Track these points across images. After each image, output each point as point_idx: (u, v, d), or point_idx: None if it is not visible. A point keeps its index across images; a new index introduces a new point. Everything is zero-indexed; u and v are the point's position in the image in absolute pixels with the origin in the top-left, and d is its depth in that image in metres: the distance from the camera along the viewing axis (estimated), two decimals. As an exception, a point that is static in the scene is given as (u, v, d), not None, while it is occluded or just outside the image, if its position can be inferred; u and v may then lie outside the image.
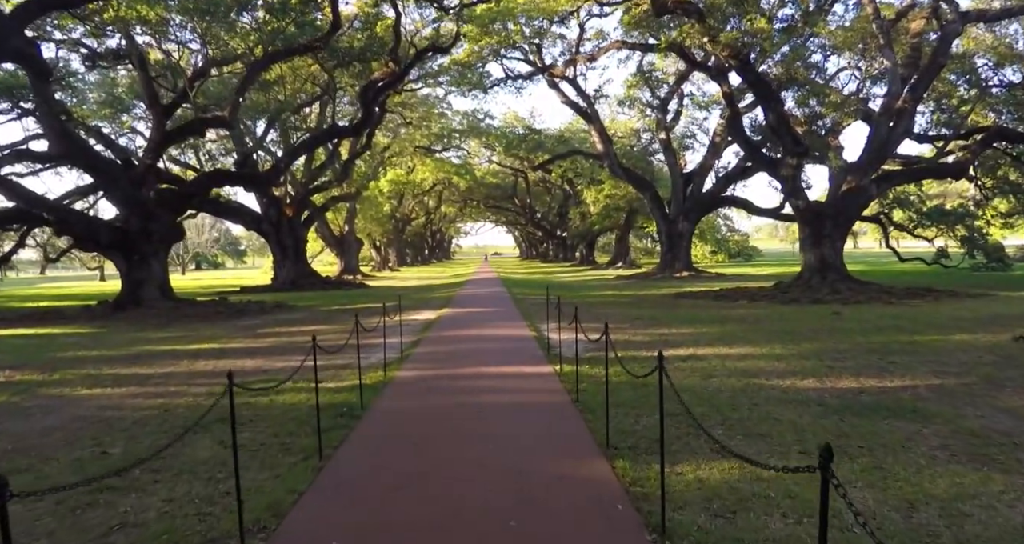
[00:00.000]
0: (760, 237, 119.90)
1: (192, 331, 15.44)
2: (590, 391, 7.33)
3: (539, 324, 14.32)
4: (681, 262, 36.29)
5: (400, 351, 10.85)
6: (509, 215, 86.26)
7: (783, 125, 20.17)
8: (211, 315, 19.68)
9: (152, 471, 4.99)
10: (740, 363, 8.90)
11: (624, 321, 14.57)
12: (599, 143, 36.57)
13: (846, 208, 21.56)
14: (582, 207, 59.63)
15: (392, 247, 71.52)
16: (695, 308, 17.70)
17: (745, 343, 10.76)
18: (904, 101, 20.77)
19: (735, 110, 23.09)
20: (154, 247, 21.99)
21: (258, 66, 20.22)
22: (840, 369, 8.37)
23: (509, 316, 16.33)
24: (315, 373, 5.75)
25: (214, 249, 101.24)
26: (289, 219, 35.03)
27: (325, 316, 18.37)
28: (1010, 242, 47.69)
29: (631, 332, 12.55)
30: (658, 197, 37.28)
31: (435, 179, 61.26)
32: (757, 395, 7.00)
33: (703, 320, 14.45)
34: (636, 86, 38.45)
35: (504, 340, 12.03)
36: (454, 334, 13.09)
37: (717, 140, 36.62)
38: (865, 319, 13.95)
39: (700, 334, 12.06)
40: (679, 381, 7.71)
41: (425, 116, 49.03)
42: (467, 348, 11.08)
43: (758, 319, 14.47)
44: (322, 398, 7.29)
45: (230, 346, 12.45)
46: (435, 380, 8.47)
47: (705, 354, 9.71)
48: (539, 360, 9.61)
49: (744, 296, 20.66)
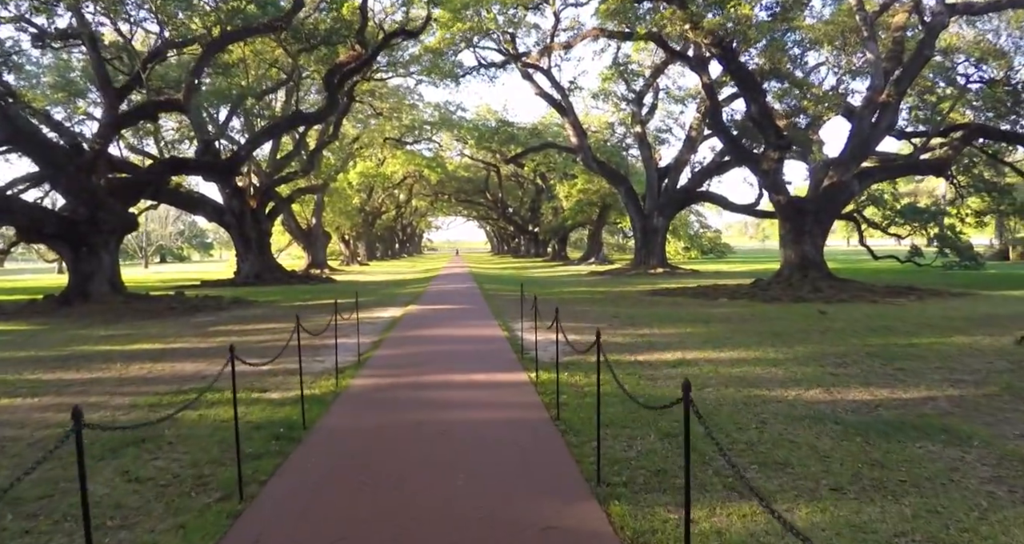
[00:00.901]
0: (730, 234, 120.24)
1: (138, 329, 14.27)
2: (572, 405, 6.40)
3: (511, 323, 13.41)
4: (656, 258, 35.65)
5: (358, 354, 9.80)
6: (481, 210, 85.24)
7: (766, 117, 19.47)
8: (163, 311, 18.49)
9: (26, 516, 3.96)
10: (735, 370, 8.05)
11: (602, 320, 13.72)
12: (573, 136, 35.75)
13: (828, 204, 20.97)
14: (554, 202, 58.85)
15: (361, 241, 70.09)
16: (675, 306, 16.92)
17: (735, 346, 9.94)
18: (888, 95, 20.18)
19: (715, 102, 22.36)
20: (104, 238, 20.68)
21: (214, 46, 18.97)
22: (845, 377, 7.57)
23: (479, 314, 15.37)
24: (233, 384, 4.71)
25: (178, 242, 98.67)
26: (253, 211, 33.69)
27: (284, 313, 17.26)
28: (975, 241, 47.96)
29: (611, 332, 11.68)
30: (633, 192, 36.56)
31: (405, 172, 60.01)
32: (763, 410, 6.14)
33: (685, 319, 13.64)
34: (611, 79, 37.64)
35: (474, 341, 11.07)
36: (419, 334, 12.09)
37: (693, 134, 36.01)
38: (854, 319, 13.26)
39: (685, 335, 11.24)
40: (671, 392, 6.85)
41: (396, 107, 47.85)
42: (433, 350, 10.10)
43: (743, 318, 13.70)
44: (260, 413, 6.34)
45: (174, 346, 11.35)
46: (394, 390, 7.44)
47: (695, 359, 8.86)
48: (513, 365, 8.66)
49: (723, 294, 19.97)
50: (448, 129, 52.70)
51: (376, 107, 44.93)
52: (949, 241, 30.32)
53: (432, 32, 28.43)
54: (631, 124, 37.59)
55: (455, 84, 33.61)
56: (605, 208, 50.71)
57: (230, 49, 23.11)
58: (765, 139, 20.29)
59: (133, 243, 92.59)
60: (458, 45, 28.81)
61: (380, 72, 38.81)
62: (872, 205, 30.81)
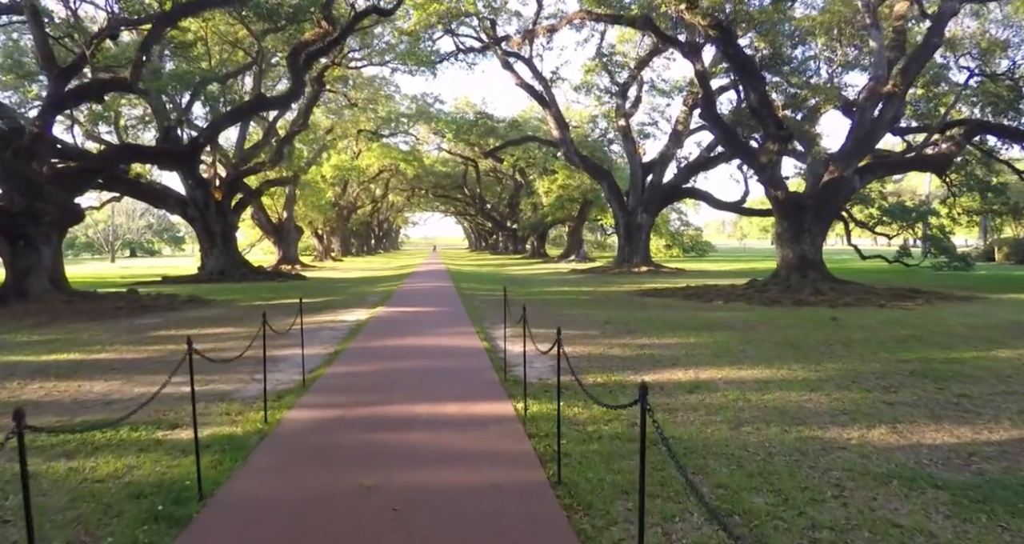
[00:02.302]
0: (708, 233, 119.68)
1: (69, 333, 12.56)
2: (575, 457, 4.84)
3: (491, 329, 11.88)
4: (639, 256, 34.30)
5: (303, 374, 7.93)
6: (458, 205, 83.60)
7: (765, 107, 18.11)
8: (106, 312, 16.75)
9: None
10: (766, 396, 6.59)
11: (592, 326, 12.24)
12: (555, 129, 34.32)
13: (828, 200, 19.68)
14: (534, 198, 57.43)
15: (336, 236, 68.12)
16: (668, 309, 15.50)
17: (754, 361, 8.50)
18: (894, 85, 18.93)
19: (708, 91, 20.97)
20: (44, 231, 18.85)
21: (165, 19, 17.17)
22: (904, 408, 6.16)
23: (455, 318, 13.77)
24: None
25: (146, 235, 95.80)
26: (218, 203, 31.85)
27: (241, 314, 15.62)
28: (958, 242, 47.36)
29: (605, 343, 10.19)
30: (616, 187, 35.20)
31: (381, 166, 58.20)
32: (829, 463, 4.64)
33: (686, 326, 12.21)
34: (594, 71, 36.28)
35: (447, 354, 9.50)
36: (384, 344, 10.42)
37: (680, 128, 34.66)
38: (870, 327, 11.91)
39: (690, 346, 9.78)
40: (698, 431, 5.37)
41: (371, 98, 46.10)
42: (397, 368, 8.45)
43: (748, 325, 12.30)
44: (154, 466, 4.70)
45: (98, 357, 9.69)
46: (340, 430, 5.69)
47: (712, 379, 7.39)
48: (494, 389, 7.08)
49: (718, 295, 18.62)
50: (425, 122, 51.10)
51: (350, 97, 43.17)
52: (938, 241, 29.41)
53: (408, 16, 26.81)
54: (615, 117, 36.15)
55: (432, 72, 31.91)
56: (586, 204, 49.34)
57: (187, 27, 21.31)
58: (764, 130, 18.95)
59: (99, 237, 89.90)
60: (435, 29, 27.16)
61: (354, 61, 37.17)
62: (860, 204, 29.82)
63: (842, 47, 26.10)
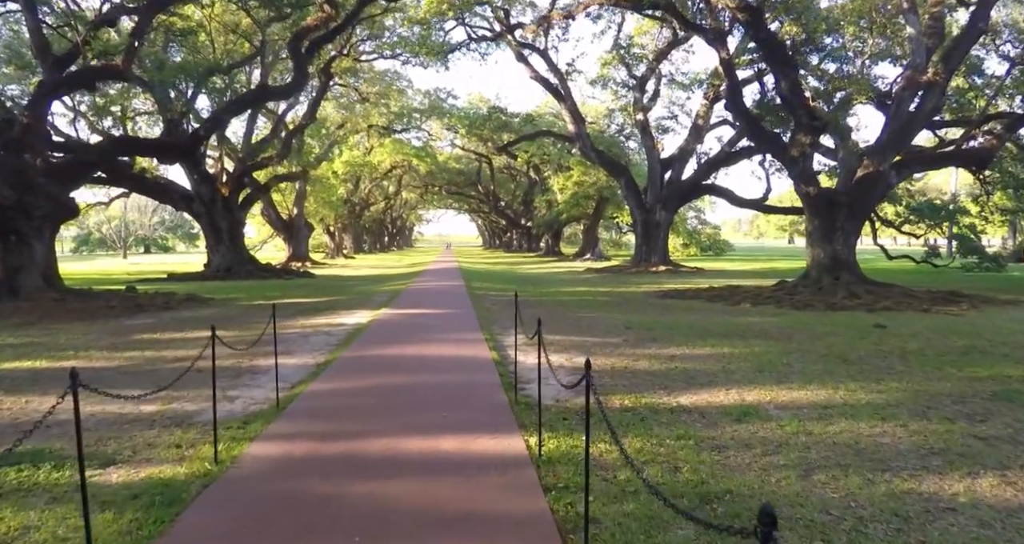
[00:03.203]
0: (724, 231, 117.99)
1: (48, 335, 11.64)
2: (607, 522, 3.73)
3: (502, 336, 10.81)
4: (657, 255, 33.14)
5: (276, 394, 6.67)
6: (472, 203, 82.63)
7: (797, 96, 16.90)
8: (98, 311, 15.90)
9: None
10: (831, 427, 5.46)
11: (612, 332, 11.15)
12: (570, 123, 33.21)
13: (862, 197, 18.46)
14: (548, 195, 56.27)
15: (348, 233, 67.33)
16: (693, 312, 14.38)
17: (803, 378, 7.38)
18: (935, 74, 17.67)
19: (734, 80, 19.75)
20: (36, 226, 18.03)
21: (157, 2, 16.21)
22: (1002, 445, 5.02)
23: (463, 322, 12.68)
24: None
25: (158, 232, 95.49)
26: (224, 199, 31.05)
27: (238, 315, 14.67)
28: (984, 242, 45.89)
29: (629, 353, 9.10)
30: (634, 184, 34.02)
31: (393, 162, 57.28)
32: (943, 536, 3.54)
33: (715, 332, 11.09)
34: (611, 64, 35.11)
35: (451, 367, 8.34)
36: (382, 354, 9.27)
37: (700, 123, 33.44)
38: (921, 335, 10.74)
39: (726, 358, 8.68)
40: (759, 481, 4.27)
41: (383, 93, 45.18)
42: (390, 386, 7.22)
43: (784, 332, 11.16)
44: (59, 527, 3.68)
45: (63, 365, 8.71)
46: (305, 476, 4.41)
47: (760, 403, 6.27)
48: (502, 415, 5.88)
49: (743, 297, 17.45)
50: (438, 117, 50.11)
51: (362, 92, 42.27)
52: (968, 241, 28.09)
53: (418, 3, 25.77)
54: (633, 111, 34.94)
55: (444, 65, 30.83)
56: (602, 201, 48.12)
57: (187, 15, 20.41)
58: (795, 120, 17.73)
59: (112, 234, 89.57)
60: (445, 16, 26.07)
61: (365, 55, 36.20)
62: (887, 201, 28.54)
63: (872, 36, 24.83)
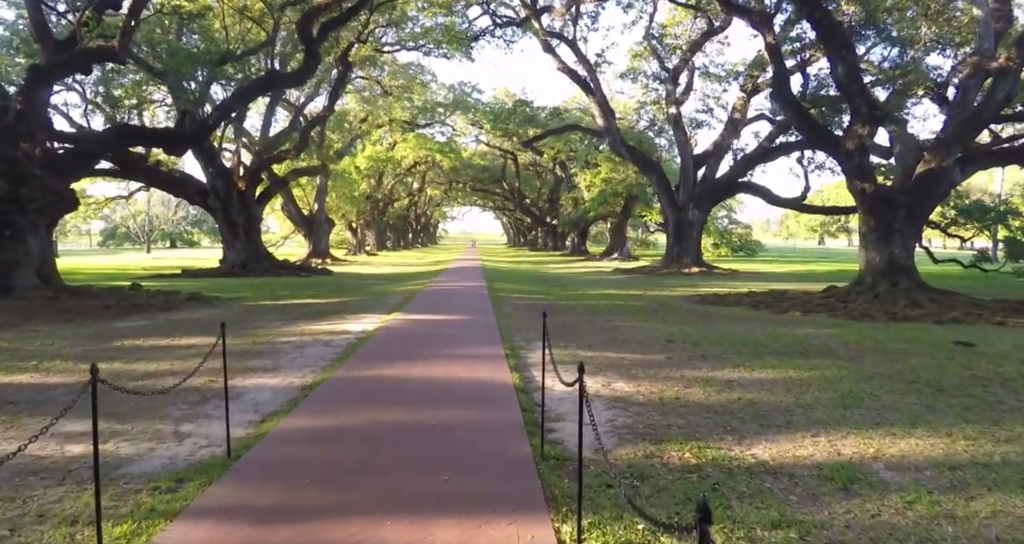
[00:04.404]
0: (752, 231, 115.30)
1: (21, 340, 10.47)
2: None
3: (526, 350, 9.38)
4: (690, 256, 31.50)
5: (251, 428, 5.55)
6: (497, 200, 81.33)
7: (856, 82, 15.26)
8: (91, 311, 14.82)
9: None
10: (977, 506, 3.92)
11: (652, 346, 9.68)
12: (599, 117, 31.71)
13: (923, 195, 16.77)
14: (575, 192, 54.73)
15: (371, 230, 66.33)
16: (739, 322, 12.85)
17: (901, 419, 5.86)
18: (1007, 59, 15.94)
19: (781, 67, 18.11)
20: (31, 219, 16.98)
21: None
22: None
23: (481, 332, 11.19)
24: None
25: (182, 226, 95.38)
26: (240, 193, 30.04)
27: (238, 318, 13.44)
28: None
29: (676, 376, 7.63)
30: (666, 180, 32.44)
31: (416, 157, 56.09)
32: None
33: (771, 348, 9.57)
34: (642, 56, 33.54)
35: (462, 397, 6.63)
36: (380, 374, 7.68)
37: (736, 116, 31.72)
38: (1013, 356, 9.13)
39: (793, 384, 7.18)
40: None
41: (406, 86, 44.00)
42: (381, 427, 5.54)
43: (851, 349, 9.61)
44: None
45: (10, 380, 7.48)
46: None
47: (864, 460, 4.74)
48: (524, 482, 4.27)
49: (792, 305, 15.84)
50: (463, 112, 48.88)
51: (384, 85, 41.13)
52: (1019, 245, 26.25)
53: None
54: (665, 105, 33.29)
55: (467, 54, 29.49)
56: (631, 199, 46.44)
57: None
58: (852, 109, 16.07)
59: (137, 228, 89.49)
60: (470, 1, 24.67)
61: (387, 45, 34.98)
62: (935, 202, 26.79)
63: (927, 23, 22.99)
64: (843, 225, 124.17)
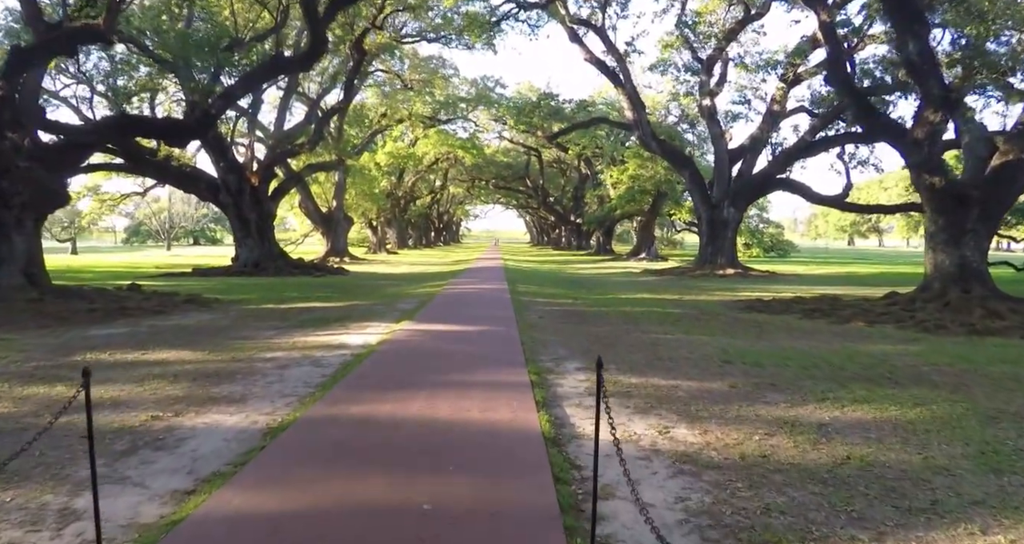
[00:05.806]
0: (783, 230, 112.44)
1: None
2: None
3: (555, 375, 7.73)
4: (724, 257, 29.67)
5: (168, 507, 3.89)
6: (520, 198, 79.81)
7: (928, 62, 13.46)
8: (73, 315, 13.47)
9: None
10: None
11: (708, 369, 8.01)
12: (629, 110, 30.02)
13: (1000, 191, 14.89)
14: (600, 190, 53.00)
15: (391, 228, 65.09)
16: (798, 335, 11.12)
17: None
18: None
19: (836, 47, 16.29)
20: (15, 216, 15.66)
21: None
22: None
23: (502, 349, 9.42)
24: None
25: (203, 223, 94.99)
26: (253, 189, 28.80)
27: (228, 325, 12.00)
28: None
29: (750, 416, 5.95)
30: (699, 177, 30.65)
31: (438, 154, 54.70)
32: None
33: (852, 373, 7.86)
34: (673, 46, 31.69)
35: (472, 456, 4.80)
36: (369, 413, 5.88)
37: (775, 108, 29.80)
38: None
39: (905, 431, 5.49)
40: None
41: (428, 80, 42.68)
42: (351, 513, 3.74)
43: (946, 374, 7.88)
44: None
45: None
46: None
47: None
48: None
49: (852, 314, 14.02)
50: (486, 107, 47.46)
51: (405, 79, 39.80)
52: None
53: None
54: (699, 96, 31.44)
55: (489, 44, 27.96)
56: (659, 197, 44.58)
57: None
58: (924, 93, 14.22)
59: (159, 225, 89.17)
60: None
61: (407, 37, 33.62)
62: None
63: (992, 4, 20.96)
64: (874, 225, 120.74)
